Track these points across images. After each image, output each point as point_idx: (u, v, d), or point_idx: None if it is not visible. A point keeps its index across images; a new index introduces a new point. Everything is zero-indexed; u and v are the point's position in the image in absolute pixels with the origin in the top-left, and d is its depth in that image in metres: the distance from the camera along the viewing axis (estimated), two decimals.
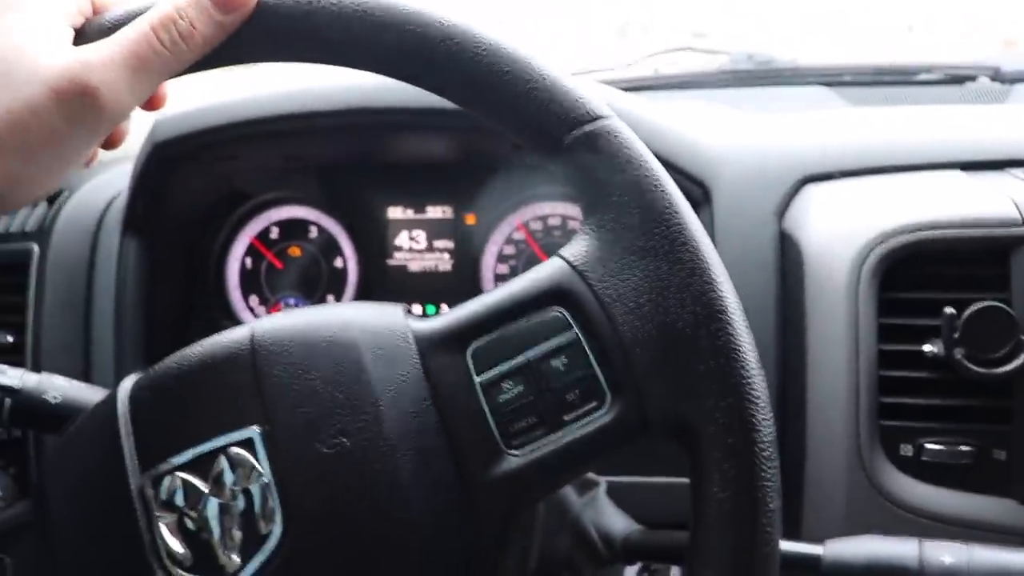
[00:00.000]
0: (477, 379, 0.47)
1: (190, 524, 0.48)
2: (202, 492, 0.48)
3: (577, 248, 0.48)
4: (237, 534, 0.47)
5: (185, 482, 0.48)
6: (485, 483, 0.46)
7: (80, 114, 0.45)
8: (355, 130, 0.88)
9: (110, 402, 0.51)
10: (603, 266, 0.47)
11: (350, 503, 0.46)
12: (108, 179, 0.98)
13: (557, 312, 0.47)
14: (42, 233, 0.93)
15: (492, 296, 0.49)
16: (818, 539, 0.73)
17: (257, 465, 0.47)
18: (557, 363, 0.47)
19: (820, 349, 0.74)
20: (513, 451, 0.46)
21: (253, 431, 0.47)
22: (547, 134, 0.48)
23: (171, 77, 0.48)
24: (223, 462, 0.47)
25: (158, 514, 0.48)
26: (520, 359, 0.47)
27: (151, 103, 0.53)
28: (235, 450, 0.47)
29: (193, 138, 0.86)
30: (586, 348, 0.47)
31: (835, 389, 0.72)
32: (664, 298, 0.45)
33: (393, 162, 0.97)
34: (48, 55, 0.45)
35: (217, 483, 0.47)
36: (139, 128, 0.89)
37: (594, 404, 0.46)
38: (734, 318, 0.46)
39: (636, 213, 0.46)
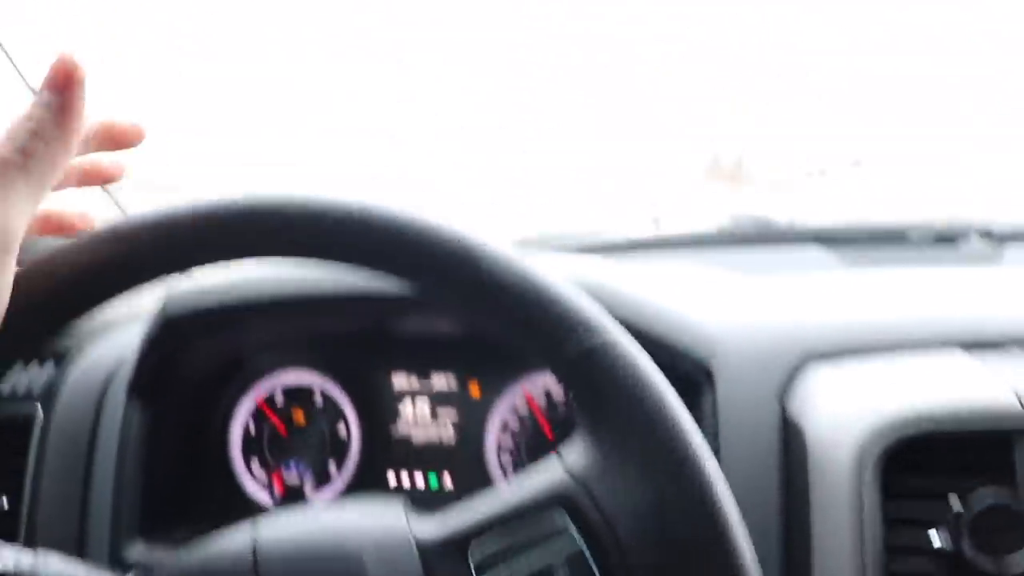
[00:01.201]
0: None
1: None
2: None
3: (577, 457, 0.49)
4: None
5: None
6: None
7: None
8: (361, 310, 0.90)
9: None
10: (606, 478, 0.47)
11: None
12: (115, 342, 0.99)
13: (559, 518, 0.48)
14: (47, 395, 0.93)
15: (493, 499, 0.49)
16: None
17: None
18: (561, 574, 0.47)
19: (825, 539, 0.73)
20: None
21: None
22: (549, 347, 0.49)
23: (42, 179, 0.46)
24: None
25: None
26: (522, 565, 0.47)
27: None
28: None
29: (206, 316, 0.87)
30: (590, 562, 0.47)
31: None
32: (667, 517, 0.46)
33: (397, 334, 0.98)
34: None
35: None
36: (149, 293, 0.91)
37: None
38: (738, 540, 0.46)
39: (636, 432, 0.47)
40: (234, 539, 0.50)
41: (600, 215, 1.35)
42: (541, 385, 0.95)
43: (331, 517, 0.52)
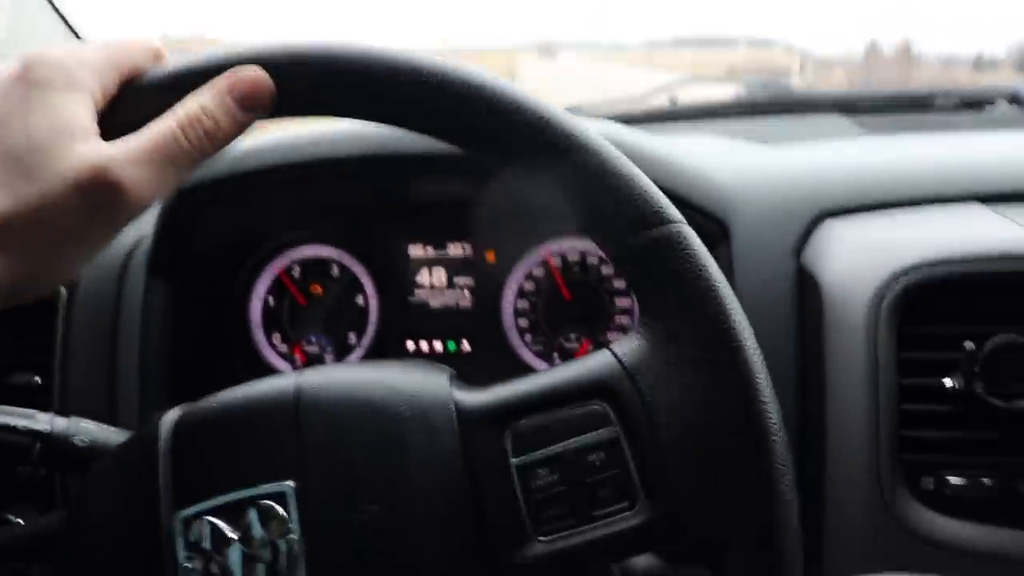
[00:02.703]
0: (514, 461, 0.47)
1: (215, 569, 0.48)
2: (231, 539, 0.48)
3: (629, 347, 0.48)
4: None
5: (215, 527, 0.48)
6: (509, 564, 0.46)
7: (102, 209, 0.45)
8: (377, 174, 0.90)
9: (152, 433, 0.51)
10: (653, 370, 0.47)
11: (376, 570, 0.46)
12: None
13: (600, 407, 0.47)
14: None
15: (538, 379, 0.49)
16: (838, 569, 0.74)
17: (288, 520, 0.47)
18: (594, 458, 0.47)
19: (840, 384, 0.74)
20: (541, 537, 0.46)
21: (287, 486, 0.48)
22: (615, 231, 0.48)
23: (193, 171, 0.49)
24: (254, 513, 0.48)
25: (186, 554, 0.49)
26: (558, 448, 0.47)
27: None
28: (267, 502, 0.48)
29: (219, 184, 0.87)
30: (625, 448, 0.47)
31: (855, 423, 0.72)
32: (711, 414, 0.45)
33: (414, 202, 0.98)
34: (73, 146, 0.44)
35: (246, 533, 0.48)
36: None
37: (625, 504, 0.46)
38: (778, 443, 0.46)
39: (695, 325, 0.46)
40: (278, 383, 0.51)
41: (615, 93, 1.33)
42: (559, 249, 0.95)
43: (376, 373, 0.52)
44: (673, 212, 0.48)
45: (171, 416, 0.52)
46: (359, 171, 0.88)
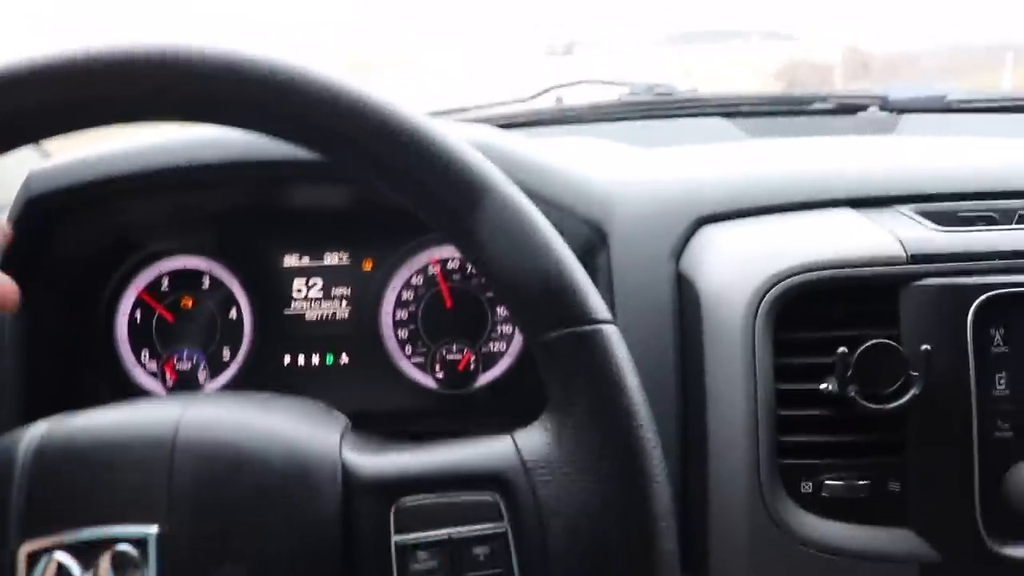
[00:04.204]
0: (396, 539, 0.45)
1: None
2: None
3: (532, 440, 0.46)
4: None
5: (62, 567, 0.44)
6: None
7: None
8: (247, 180, 0.86)
9: (11, 448, 0.47)
10: (551, 470, 0.45)
11: None
12: None
13: (493, 498, 0.45)
14: None
15: (435, 454, 0.47)
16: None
17: (145, 570, 0.44)
18: (479, 551, 0.45)
19: (719, 391, 0.74)
20: None
21: (150, 530, 0.44)
22: (537, 318, 0.46)
23: None
24: (108, 557, 0.44)
25: None
26: (443, 534, 0.45)
27: None
28: (124, 547, 0.44)
29: (70, 193, 0.82)
30: (512, 548, 0.45)
31: (735, 429, 0.73)
32: (605, 531, 0.44)
33: (287, 210, 0.94)
34: None
35: None
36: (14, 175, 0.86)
37: None
38: (668, 561, 0.44)
39: (604, 439, 0.44)
40: (157, 413, 0.47)
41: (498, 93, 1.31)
42: (440, 255, 0.93)
43: (264, 418, 0.48)
44: (601, 310, 0.45)
45: (35, 432, 0.47)
46: (227, 177, 0.84)
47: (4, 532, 0.45)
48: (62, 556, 0.44)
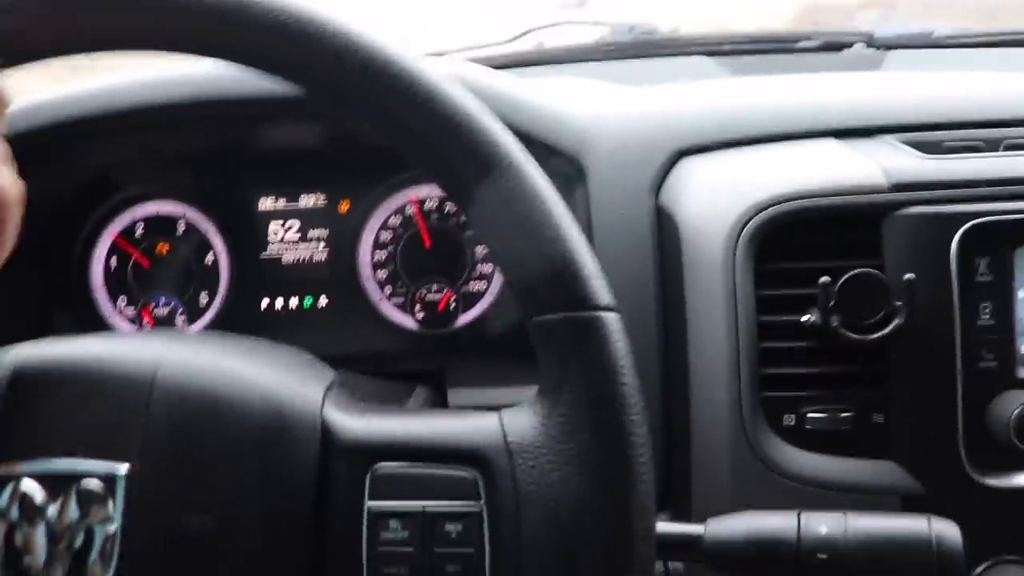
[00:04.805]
0: (369, 504, 0.44)
1: (17, 541, 0.43)
2: (43, 513, 0.43)
3: (518, 420, 0.45)
4: (59, 572, 0.43)
5: (26, 495, 0.43)
6: None
7: None
8: (218, 120, 0.84)
9: None
10: (535, 455, 0.44)
11: None
12: None
13: (471, 475, 0.44)
14: None
15: (417, 422, 0.45)
16: (707, 511, 0.73)
17: (110, 508, 0.43)
18: (451, 528, 0.44)
19: (700, 323, 0.73)
20: None
21: (119, 468, 0.43)
22: (534, 295, 0.44)
23: None
24: (76, 489, 0.43)
25: None
26: (417, 505, 0.44)
27: None
28: (92, 482, 0.43)
29: (40, 133, 0.80)
30: (485, 529, 0.44)
31: (716, 363, 0.72)
32: (581, 518, 0.42)
33: (261, 151, 0.92)
34: None
35: (62, 509, 0.43)
36: None
37: None
38: (644, 565, 0.43)
39: (593, 432, 0.43)
40: (139, 349, 0.46)
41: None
42: (418, 195, 0.91)
43: (247, 366, 0.47)
44: (604, 296, 0.44)
45: (12, 355, 0.46)
46: (199, 117, 0.82)
47: None
48: (28, 484, 0.43)
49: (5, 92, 0.46)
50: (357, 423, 0.45)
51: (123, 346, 0.47)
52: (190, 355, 0.46)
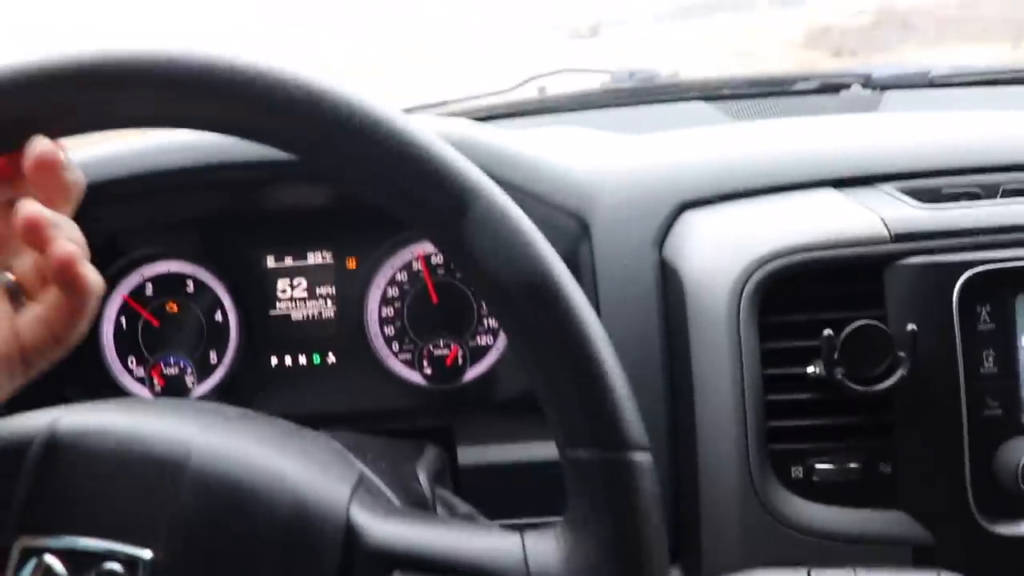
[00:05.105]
0: None
1: None
2: None
3: (542, 547, 0.44)
4: None
5: (50, 572, 0.43)
6: None
7: None
8: (225, 184, 0.85)
9: (21, 434, 0.46)
10: None
11: None
12: None
13: None
14: None
15: (443, 535, 0.45)
16: (717, 565, 0.73)
17: None
18: None
19: (706, 377, 0.73)
20: None
21: (144, 555, 0.43)
22: (570, 431, 0.43)
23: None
24: (98, 570, 0.43)
25: None
26: None
27: None
28: (114, 565, 0.43)
29: None
30: None
31: (723, 416, 0.72)
32: None
33: (268, 211, 0.94)
34: None
35: None
36: None
37: None
38: None
39: (616, 568, 0.42)
40: (174, 431, 0.46)
41: (482, 84, 1.30)
42: (424, 250, 0.92)
43: (273, 457, 0.46)
44: (639, 436, 0.43)
45: (48, 422, 0.46)
46: (206, 180, 0.84)
47: (3, 522, 0.44)
48: (52, 560, 0.43)
49: (79, 180, 0.47)
50: (382, 528, 0.45)
51: (158, 423, 0.47)
52: (222, 441, 0.46)
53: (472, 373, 0.91)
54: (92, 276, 0.46)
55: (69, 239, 0.46)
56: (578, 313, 0.43)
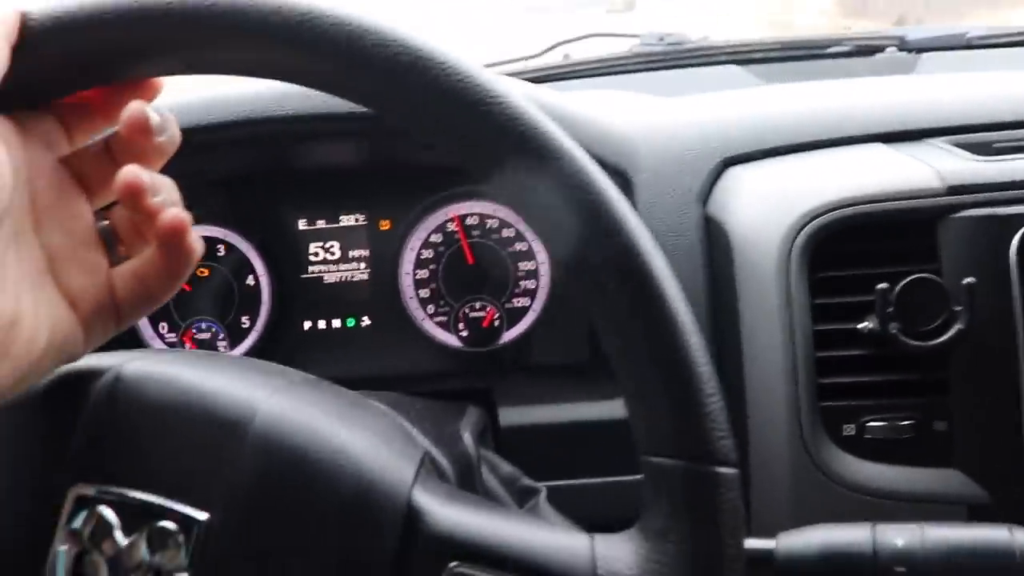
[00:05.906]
0: None
1: (89, 569, 0.42)
2: (116, 544, 0.42)
3: (613, 551, 0.42)
4: None
5: (102, 522, 0.42)
6: None
7: None
8: (258, 141, 0.84)
9: (83, 380, 0.45)
10: None
11: None
12: None
13: None
14: None
15: (505, 526, 0.43)
16: (767, 525, 0.72)
17: (182, 555, 0.41)
18: None
19: (755, 334, 0.72)
20: None
21: (199, 516, 0.42)
22: (656, 435, 0.40)
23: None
24: (151, 527, 0.42)
25: (64, 534, 0.42)
26: None
27: None
28: (170, 524, 0.42)
29: None
30: None
31: (773, 374, 0.71)
32: None
33: (301, 171, 0.92)
34: None
35: (134, 545, 0.42)
36: None
37: None
38: None
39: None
40: (246, 395, 0.44)
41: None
42: (458, 211, 0.90)
43: (343, 431, 0.45)
44: (729, 451, 0.40)
45: (116, 363, 0.45)
46: (236, 138, 0.82)
47: (60, 466, 0.43)
48: (107, 511, 0.42)
49: (172, 139, 0.46)
50: (445, 513, 0.43)
51: (225, 380, 0.45)
52: (288, 408, 0.45)
53: (509, 335, 0.89)
54: (196, 244, 0.45)
55: (173, 203, 0.45)
56: (674, 308, 0.40)
